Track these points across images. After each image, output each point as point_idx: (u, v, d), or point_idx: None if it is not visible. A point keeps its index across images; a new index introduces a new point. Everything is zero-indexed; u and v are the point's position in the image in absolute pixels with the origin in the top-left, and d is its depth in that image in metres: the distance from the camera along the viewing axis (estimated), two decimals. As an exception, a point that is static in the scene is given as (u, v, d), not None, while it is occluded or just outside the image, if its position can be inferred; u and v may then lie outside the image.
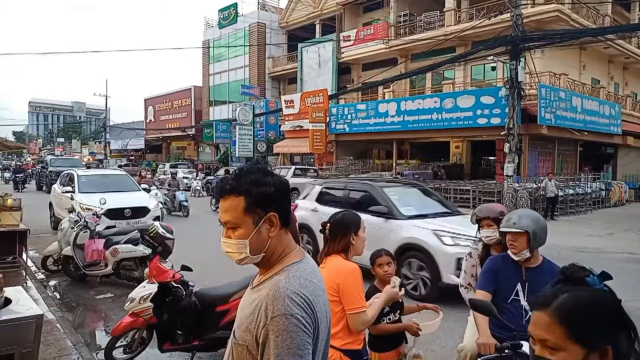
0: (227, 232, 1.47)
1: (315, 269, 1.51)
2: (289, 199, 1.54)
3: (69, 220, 7.77)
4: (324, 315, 1.40)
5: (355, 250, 2.61)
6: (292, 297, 1.32)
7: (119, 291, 7.12)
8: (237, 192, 1.44)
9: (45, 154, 67.01)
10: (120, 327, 4.44)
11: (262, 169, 1.51)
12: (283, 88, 37.41)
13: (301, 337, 1.29)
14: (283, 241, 1.49)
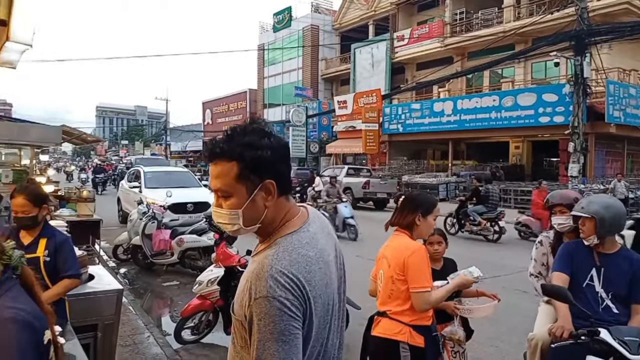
0: (218, 201, 1.31)
1: (319, 235, 1.35)
2: (288, 164, 1.36)
3: (137, 212, 8.22)
4: (322, 292, 1.27)
5: (419, 232, 2.59)
6: (276, 277, 1.18)
7: (184, 279, 7.46)
8: (229, 156, 1.26)
9: (111, 155, 70.90)
10: (188, 309, 4.66)
11: (258, 129, 1.32)
12: (336, 89, 37.59)
13: (285, 322, 1.17)
14: (281, 210, 1.33)
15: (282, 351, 1.16)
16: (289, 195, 1.36)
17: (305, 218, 1.36)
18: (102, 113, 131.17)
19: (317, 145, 31.63)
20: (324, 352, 1.32)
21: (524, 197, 18.12)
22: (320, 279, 1.26)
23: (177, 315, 5.59)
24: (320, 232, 1.36)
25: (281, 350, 1.16)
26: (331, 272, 1.34)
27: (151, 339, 4.73)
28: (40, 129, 7.41)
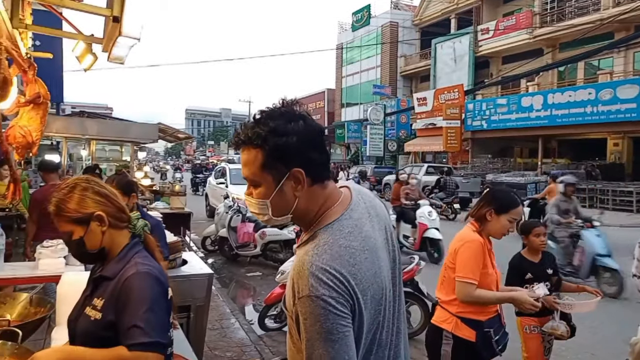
0: (249, 189, 1.26)
1: (364, 220, 1.26)
2: (320, 150, 1.23)
3: (224, 206, 8.66)
4: (370, 283, 1.19)
5: (488, 228, 2.50)
6: (317, 275, 1.11)
7: (266, 270, 7.74)
8: (253, 143, 1.19)
9: (198, 155, 75.09)
10: (271, 297, 4.82)
11: (287, 112, 1.22)
12: (415, 86, 36.85)
13: (332, 321, 1.10)
14: (317, 199, 1.23)
15: (332, 351, 1.11)
16: (326, 181, 1.26)
17: (347, 204, 1.26)
18: (191, 115, 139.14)
19: (395, 143, 31.21)
20: (378, 341, 1.26)
21: (624, 199, 16.60)
22: (367, 269, 1.18)
23: (259, 304, 5.81)
24: (364, 217, 1.27)
25: (331, 350, 1.11)
26: (380, 258, 1.25)
27: (237, 325, 4.96)
28: (139, 126, 8.06)
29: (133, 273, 1.47)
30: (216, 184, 13.36)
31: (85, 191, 1.54)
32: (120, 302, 1.44)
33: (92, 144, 8.61)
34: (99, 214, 1.53)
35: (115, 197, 1.62)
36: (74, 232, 1.52)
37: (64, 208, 1.51)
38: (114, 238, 1.57)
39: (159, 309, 1.45)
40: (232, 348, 4.34)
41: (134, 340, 1.38)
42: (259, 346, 4.41)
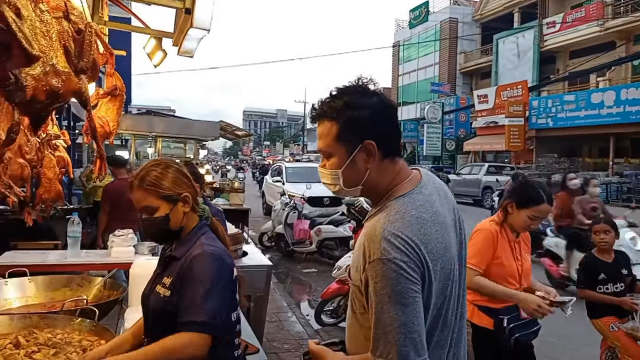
0: (323, 161, 1.33)
1: (434, 198, 1.29)
2: (393, 125, 1.30)
3: (280, 203, 8.82)
4: (440, 255, 1.20)
5: (510, 221, 2.47)
6: (389, 239, 1.15)
7: (322, 267, 7.79)
8: (329, 116, 1.26)
9: (255, 155, 76.87)
10: (328, 292, 4.85)
11: (361, 88, 1.30)
12: (475, 83, 35.71)
13: (403, 284, 1.13)
14: (388, 173, 1.28)
15: (403, 314, 1.12)
16: (397, 157, 1.31)
17: (417, 181, 1.30)
18: (248, 117, 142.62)
19: (454, 142, 30.38)
20: (443, 319, 1.25)
21: None
22: (437, 241, 1.20)
23: (315, 300, 5.87)
24: (434, 195, 1.30)
25: (401, 314, 1.12)
26: (449, 235, 1.27)
27: (294, 318, 5.04)
28: (202, 124, 8.40)
29: (198, 253, 1.54)
30: (273, 182, 13.65)
31: (178, 172, 1.63)
32: (184, 280, 1.52)
33: (158, 141, 9.05)
34: (186, 195, 1.61)
35: (193, 183, 1.71)
36: (159, 208, 1.58)
37: (159, 184, 1.58)
38: (189, 219, 1.66)
39: (218, 289, 1.49)
40: (289, 340, 4.41)
41: (184, 319, 1.45)
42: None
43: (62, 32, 0.99)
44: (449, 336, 1.28)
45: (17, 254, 3.49)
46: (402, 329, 1.12)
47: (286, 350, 4.21)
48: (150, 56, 3.24)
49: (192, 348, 1.41)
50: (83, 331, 2.07)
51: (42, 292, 2.67)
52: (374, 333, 1.16)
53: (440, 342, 1.25)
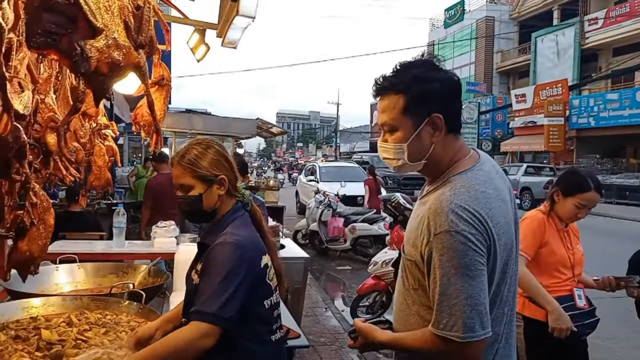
0: (385, 136, 1.31)
1: (493, 175, 1.28)
2: (459, 100, 1.30)
3: (315, 201, 8.86)
4: (504, 230, 1.20)
5: (556, 209, 2.39)
6: (457, 212, 1.14)
7: (356, 265, 7.79)
8: (396, 89, 1.25)
9: (288, 156, 77.45)
10: (364, 287, 4.84)
11: (429, 62, 1.29)
12: (512, 83, 34.87)
13: (470, 256, 1.12)
14: (451, 148, 1.28)
15: (469, 287, 1.12)
16: (459, 134, 1.31)
17: (477, 158, 1.30)
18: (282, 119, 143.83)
19: (490, 143, 29.72)
20: (501, 295, 1.24)
21: None
22: (501, 216, 1.20)
23: (349, 296, 5.86)
24: (493, 173, 1.30)
25: (467, 286, 1.12)
26: (510, 212, 1.27)
27: (329, 313, 5.05)
28: (240, 122, 8.58)
29: (220, 242, 1.51)
30: (306, 182, 13.78)
31: (217, 154, 1.61)
32: (205, 268, 1.50)
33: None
34: (222, 177, 1.59)
35: (235, 167, 1.68)
36: (194, 187, 1.58)
37: (197, 163, 1.57)
38: (223, 203, 1.63)
39: (235, 280, 1.44)
40: (325, 334, 4.43)
41: (197, 307, 1.42)
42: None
43: (123, 8, 1.03)
44: (505, 313, 1.27)
45: (66, 243, 3.65)
46: (469, 301, 1.11)
47: (322, 343, 4.22)
48: (194, 50, 3.32)
49: (199, 339, 1.38)
50: (131, 313, 2.14)
51: (91, 278, 2.77)
52: (437, 306, 1.16)
53: (497, 318, 1.24)
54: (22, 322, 2.00)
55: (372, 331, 1.33)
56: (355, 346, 1.38)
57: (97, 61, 0.96)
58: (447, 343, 1.14)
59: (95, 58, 0.96)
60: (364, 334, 1.33)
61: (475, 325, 1.12)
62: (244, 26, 2.68)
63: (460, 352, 1.15)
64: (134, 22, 1.07)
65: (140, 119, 2.29)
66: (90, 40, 0.95)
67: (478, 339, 1.13)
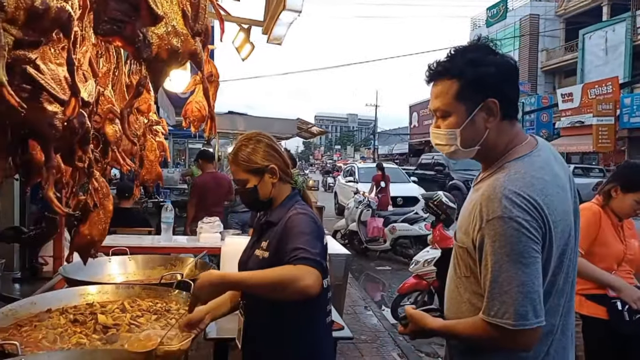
0: (437, 122, 1.29)
1: (551, 162, 1.23)
2: (515, 85, 1.27)
3: (354, 201, 8.85)
4: (561, 217, 1.15)
5: (613, 205, 2.30)
6: (510, 198, 1.11)
7: (396, 265, 7.72)
8: (450, 74, 1.23)
9: (326, 159, 77.69)
10: (405, 287, 4.79)
11: (484, 46, 1.26)
12: (558, 82, 33.66)
13: (524, 243, 1.09)
14: (506, 134, 1.25)
15: (522, 274, 1.09)
16: (514, 120, 1.28)
17: (534, 145, 1.27)
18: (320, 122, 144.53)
19: (535, 144, 28.82)
20: (557, 286, 1.20)
21: None
22: (558, 203, 1.16)
23: (389, 296, 5.82)
24: (552, 160, 1.26)
25: (520, 273, 1.09)
26: (568, 200, 1.23)
27: (370, 312, 5.04)
28: (281, 122, 8.73)
29: (294, 213, 1.60)
30: (345, 183, 13.80)
31: (267, 147, 1.71)
32: (284, 236, 1.56)
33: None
34: (273, 166, 1.68)
35: (284, 155, 1.77)
36: (249, 181, 1.69)
37: (249, 159, 1.67)
38: (280, 190, 1.72)
39: (317, 240, 1.52)
40: (365, 332, 4.42)
41: (297, 256, 1.43)
42: (393, 333, 4.41)
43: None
44: (561, 304, 1.23)
45: (118, 237, 3.81)
46: (521, 288, 1.09)
47: (363, 341, 4.21)
48: (239, 50, 3.41)
49: (310, 277, 1.36)
50: (180, 302, 2.21)
51: (141, 269, 2.89)
52: (488, 293, 1.14)
53: (552, 309, 1.20)
54: (79, 307, 2.10)
55: (423, 318, 1.32)
56: (406, 332, 1.38)
57: (158, 47, 1.01)
58: (499, 330, 1.12)
59: (156, 44, 1.01)
60: (415, 321, 1.33)
61: (527, 313, 1.09)
62: (289, 21, 2.73)
63: (512, 340, 1.12)
64: (190, 10, 1.11)
65: (190, 114, 2.37)
66: (151, 27, 0.99)
67: (530, 327, 1.10)
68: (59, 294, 2.19)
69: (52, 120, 1.02)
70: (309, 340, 1.63)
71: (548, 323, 1.16)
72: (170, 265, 2.94)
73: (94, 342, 1.74)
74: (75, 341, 1.73)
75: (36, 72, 1.00)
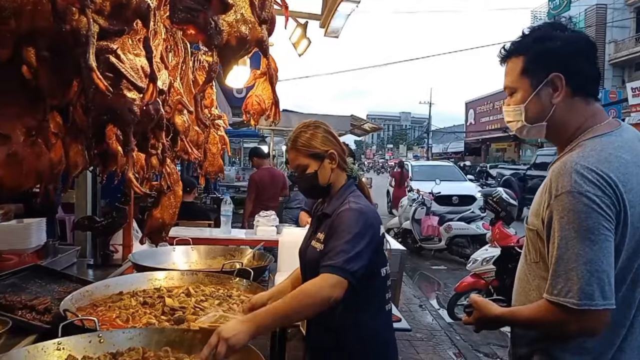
0: (508, 100, 1.30)
1: (635, 143, 1.16)
2: (588, 60, 1.21)
3: (408, 198, 8.73)
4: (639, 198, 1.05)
5: None
6: (581, 173, 1.06)
7: (452, 265, 7.55)
8: (517, 52, 1.24)
9: (378, 158, 77.11)
10: (462, 285, 4.68)
11: (555, 23, 1.25)
12: (628, 75, 31.60)
13: (594, 219, 1.02)
14: (578, 112, 1.20)
15: (590, 252, 1.02)
16: (591, 98, 1.23)
17: (615, 125, 1.20)
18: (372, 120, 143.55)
19: (602, 142, 27.20)
20: (634, 274, 1.11)
21: None
22: (638, 184, 1.08)
23: (444, 296, 5.71)
24: (636, 141, 1.18)
25: (588, 251, 1.03)
26: None
27: (425, 310, 4.96)
28: (334, 118, 8.77)
29: (345, 208, 1.61)
30: (398, 181, 13.64)
31: (326, 132, 1.73)
32: (331, 232, 1.60)
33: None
34: (332, 152, 1.70)
35: (341, 142, 1.78)
36: (309, 166, 1.71)
37: (308, 144, 1.70)
38: (337, 177, 1.74)
39: (359, 241, 1.53)
40: (421, 330, 4.36)
41: (325, 262, 1.50)
42: (449, 332, 4.32)
43: (248, -15, 1.13)
44: (637, 297, 1.13)
45: (180, 229, 3.99)
46: (588, 266, 1.03)
47: (418, 339, 4.16)
48: (295, 45, 3.46)
49: (329, 288, 1.43)
50: (240, 289, 2.29)
51: (203, 259, 3.00)
52: (552, 271, 1.09)
53: (627, 299, 1.12)
54: (148, 291, 2.22)
55: (487, 304, 1.29)
56: (470, 321, 1.35)
57: (228, 35, 1.06)
58: (562, 311, 1.06)
59: (227, 32, 1.05)
60: (480, 308, 1.30)
61: (594, 292, 1.02)
62: (348, 13, 2.75)
63: (576, 321, 1.06)
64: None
65: (250, 107, 2.44)
66: (222, 15, 1.04)
67: (596, 309, 1.03)
68: (129, 278, 2.32)
69: (131, 106, 1.09)
70: (370, 326, 1.64)
71: (620, 313, 1.09)
72: (229, 256, 3.04)
73: (163, 323, 1.84)
74: (146, 321, 1.83)
75: (117, 61, 1.06)
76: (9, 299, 1.91)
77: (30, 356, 1.36)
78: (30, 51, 1.03)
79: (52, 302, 1.96)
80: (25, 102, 1.06)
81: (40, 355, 1.38)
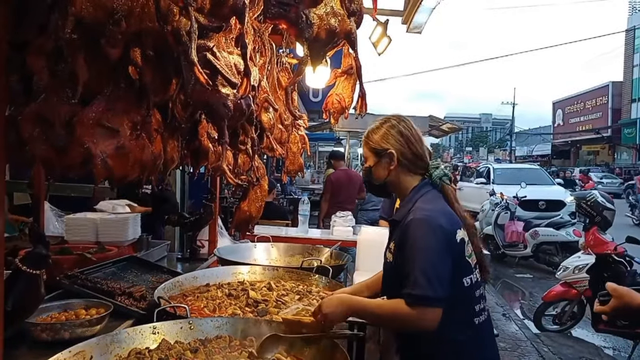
0: None
1: None
2: None
3: (489, 203, 8.36)
4: None
5: None
6: None
7: (538, 274, 7.11)
8: None
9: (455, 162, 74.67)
10: (550, 295, 4.39)
11: None
12: None
13: None
14: None
15: None
16: None
17: None
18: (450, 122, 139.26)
19: None
20: None
21: None
22: None
23: (530, 305, 5.38)
24: None
25: None
26: None
27: (509, 319, 4.71)
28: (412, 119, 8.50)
29: (411, 219, 1.47)
30: (475, 185, 13.09)
31: (391, 128, 1.60)
32: (402, 247, 1.48)
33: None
34: (391, 151, 1.57)
35: (416, 143, 1.62)
36: (368, 159, 1.64)
37: (370, 136, 1.63)
38: (402, 178, 1.61)
39: (433, 258, 1.41)
40: (505, 340, 4.14)
41: (406, 290, 1.39)
42: (536, 344, 4.06)
43: (338, -22, 1.13)
44: None
45: (260, 227, 4.11)
46: None
47: (502, 348, 3.95)
48: (376, 44, 3.43)
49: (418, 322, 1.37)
50: (319, 285, 2.32)
51: (282, 256, 3.08)
52: None
53: None
54: (232, 284, 2.31)
55: (629, 292, 1.19)
56: (604, 310, 1.24)
57: (318, 27, 1.07)
58: None
59: (317, 24, 1.07)
60: (620, 296, 1.19)
61: None
62: (432, 6, 2.68)
63: None
64: (346, -10, 1.16)
65: (330, 106, 2.46)
66: (313, 9, 1.06)
67: None
68: (215, 271, 2.43)
69: (225, 101, 1.13)
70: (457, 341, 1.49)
71: None
72: (307, 254, 3.09)
73: (247, 314, 1.90)
74: (231, 311, 1.90)
75: (214, 58, 1.11)
76: (110, 286, 2.08)
77: (130, 338, 1.47)
78: (136, 51, 1.11)
79: (147, 291, 2.11)
80: (132, 99, 1.14)
81: (138, 338, 1.48)
